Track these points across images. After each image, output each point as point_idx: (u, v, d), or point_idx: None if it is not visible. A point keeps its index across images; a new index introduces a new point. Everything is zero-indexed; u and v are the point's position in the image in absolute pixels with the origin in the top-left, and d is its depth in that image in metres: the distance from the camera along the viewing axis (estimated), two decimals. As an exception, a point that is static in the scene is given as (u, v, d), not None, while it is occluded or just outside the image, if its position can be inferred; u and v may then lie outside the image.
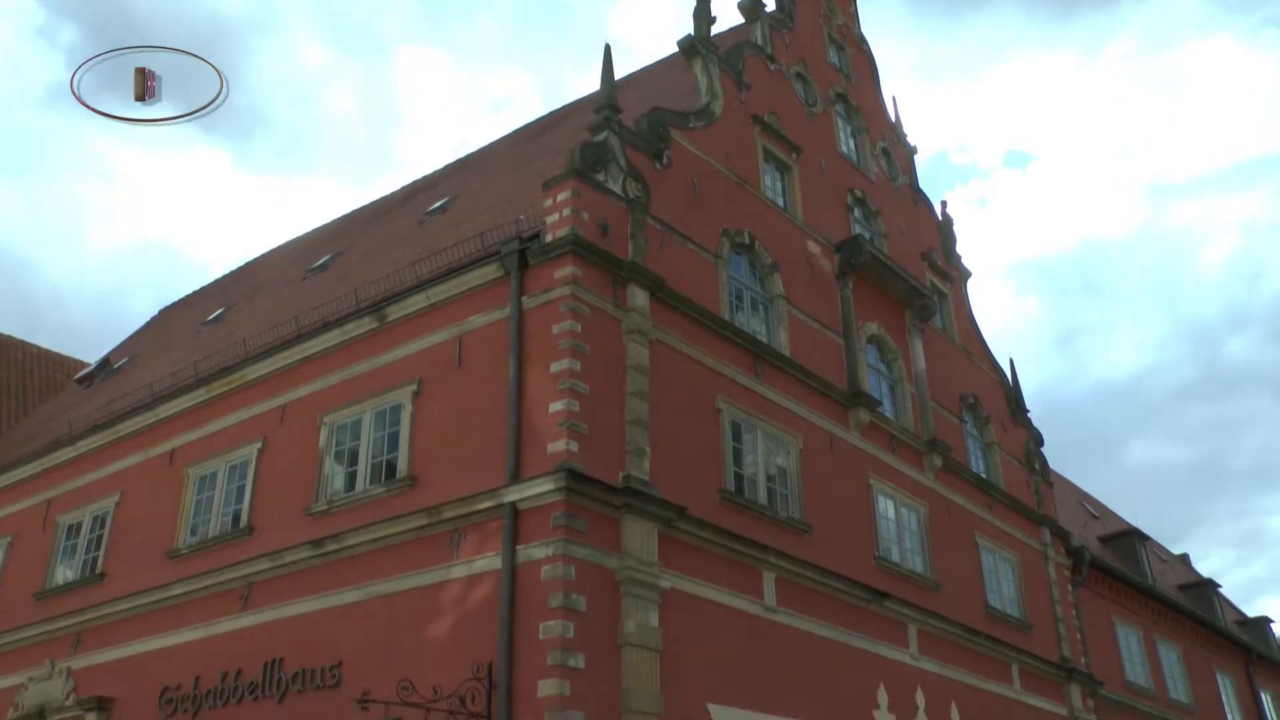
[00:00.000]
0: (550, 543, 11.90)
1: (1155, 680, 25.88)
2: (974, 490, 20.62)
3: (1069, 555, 23.31)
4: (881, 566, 16.95)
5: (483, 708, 11.56)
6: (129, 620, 16.21)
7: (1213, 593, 34.06)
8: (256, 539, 15.11)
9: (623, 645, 12.05)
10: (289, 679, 13.71)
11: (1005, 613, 20.04)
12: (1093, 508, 33.94)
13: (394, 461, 14.07)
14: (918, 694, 16.77)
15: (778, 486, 15.57)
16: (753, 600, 14.14)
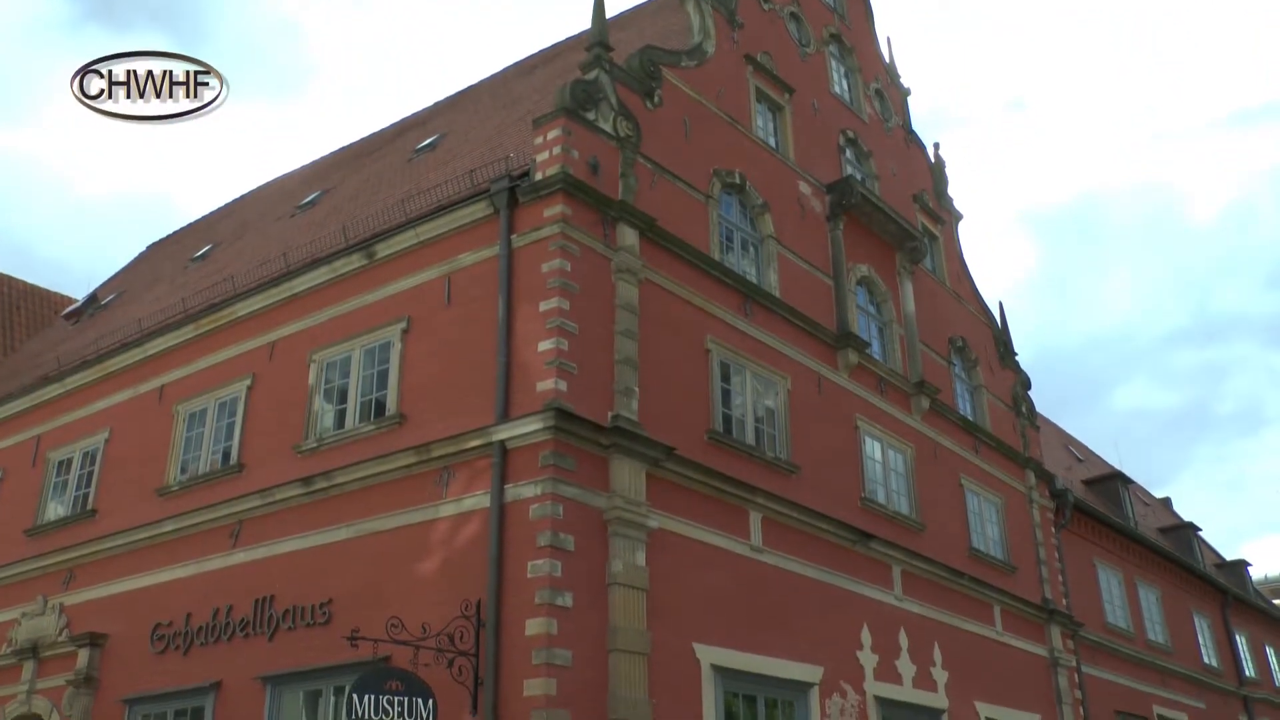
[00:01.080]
0: (538, 481, 11.96)
1: (1134, 622, 26.28)
2: (960, 433, 20.76)
3: (1053, 498, 23.55)
4: (867, 508, 17.10)
5: (471, 645, 11.69)
6: (120, 557, 16.30)
7: (1193, 536, 34.49)
8: (246, 476, 15.17)
9: (610, 584, 12.17)
10: (279, 616, 13.84)
11: (988, 554, 20.27)
12: (1078, 451, 34.23)
13: (383, 399, 14.09)
14: (901, 634, 17.01)
15: (765, 427, 15.66)
16: (739, 540, 14.28)
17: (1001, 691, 19.17)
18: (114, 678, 15.62)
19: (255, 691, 13.72)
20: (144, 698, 15.12)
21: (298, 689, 13.59)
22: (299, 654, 13.47)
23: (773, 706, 14.26)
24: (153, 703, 15.09)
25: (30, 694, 16.49)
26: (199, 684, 14.38)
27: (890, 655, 16.59)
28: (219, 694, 14.17)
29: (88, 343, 19.99)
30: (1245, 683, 31.83)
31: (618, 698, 11.74)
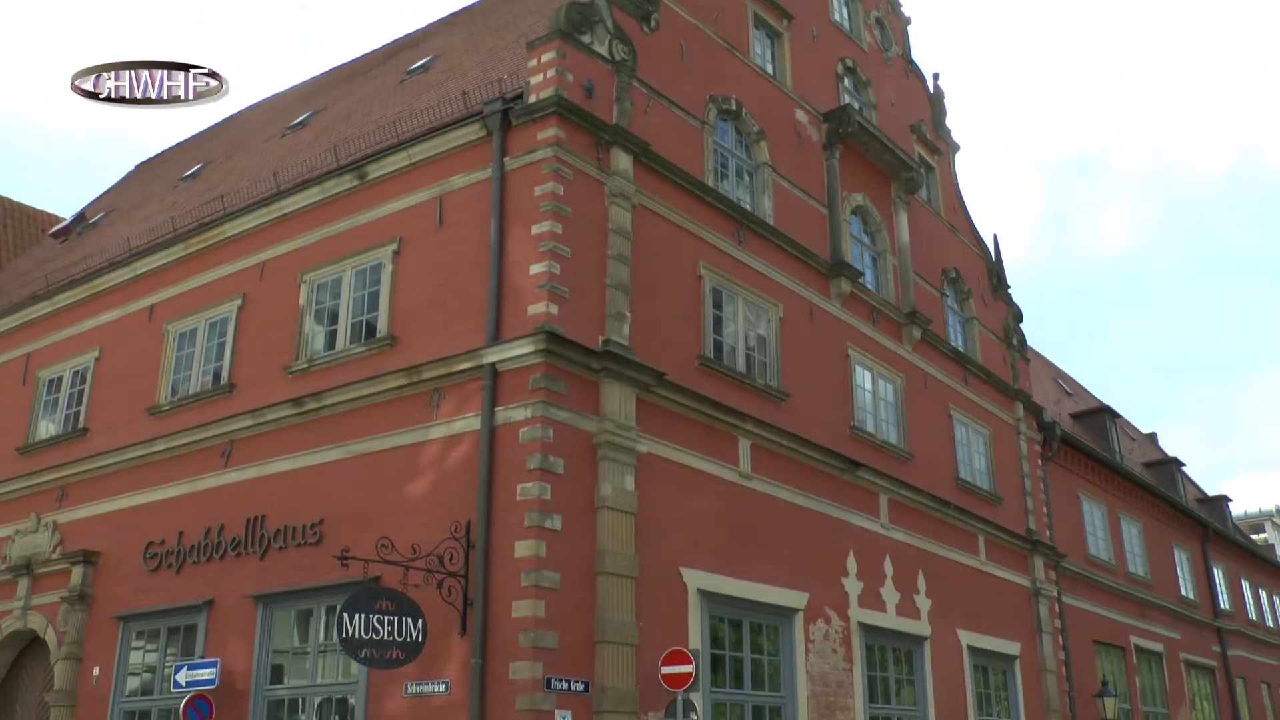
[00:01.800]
0: (529, 404, 12.01)
1: (1116, 554, 26.64)
2: (951, 363, 20.83)
3: (1040, 430, 23.72)
4: (856, 436, 17.21)
5: (460, 567, 11.82)
6: (112, 475, 16.37)
7: (1176, 471, 34.86)
8: (237, 397, 15.18)
9: (599, 508, 12.28)
10: (271, 535, 13.95)
11: (975, 485, 20.46)
12: (1067, 385, 34.40)
13: (374, 321, 14.07)
14: (886, 562, 17.23)
15: (756, 354, 15.69)
16: (728, 466, 14.38)
17: (983, 620, 19.48)
18: (108, 595, 15.77)
19: (247, 610, 13.88)
20: (138, 615, 15.29)
21: (289, 608, 13.76)
22: (290, 573, 13.61)
23: (757, 631, 14.48)
24: (146, 620, 15.27)
25: (25, 610, 16.67)
26: (192, 602, 14.54)
27: (875, 583, 16.81)
28: (211, 612, 14.33)
29: (76, 261, 19.86)
30: (1220, 615, 32.40)
31: (605, 620, 11.91)
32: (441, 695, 11.71)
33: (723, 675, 13.74)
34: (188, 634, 14.72)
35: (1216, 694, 30.80)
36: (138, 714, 15.09)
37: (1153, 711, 26.35)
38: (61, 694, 15.51)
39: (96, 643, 15.64)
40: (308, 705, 13.24)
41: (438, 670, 11.79)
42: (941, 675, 17.91)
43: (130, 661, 15.43)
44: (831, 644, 15.46)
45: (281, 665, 13.74)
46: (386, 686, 12.19)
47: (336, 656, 13.03)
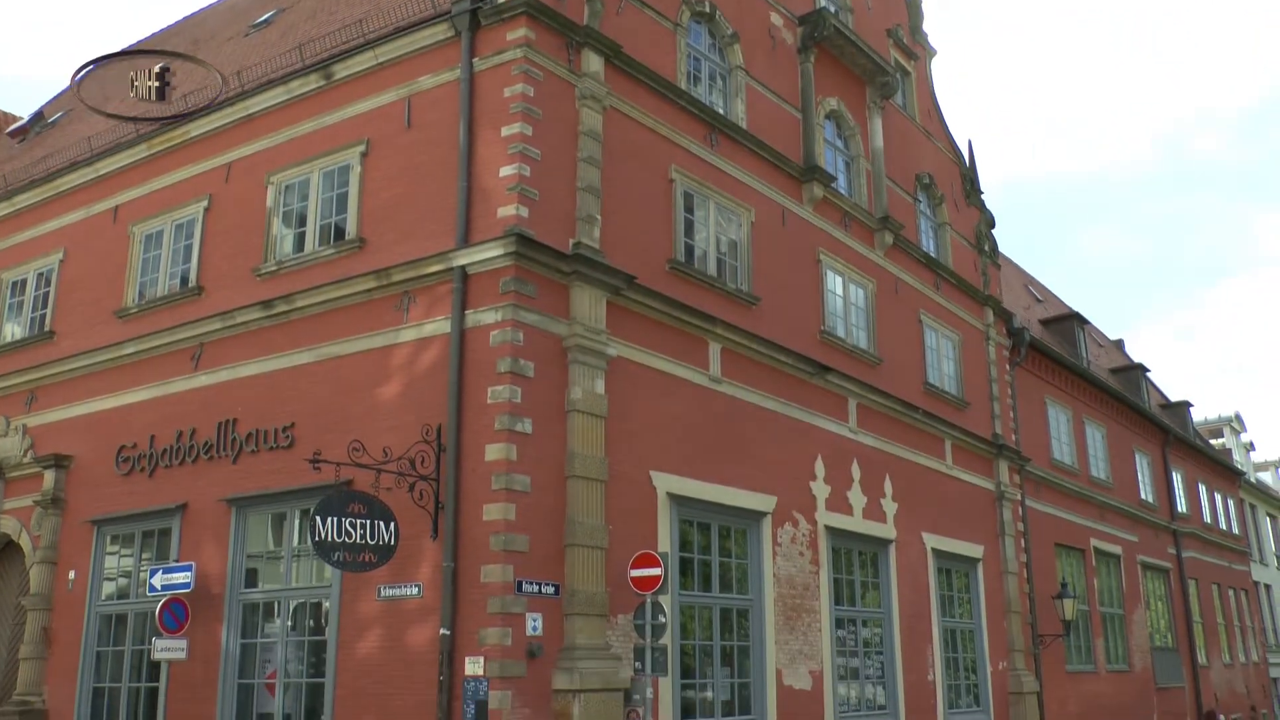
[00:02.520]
0: (499, 307, 11.99)
1: (1079, 458, 27.14)
2: (922, 269, 20.90)
3: (1010, 336, 23.94)
4: (826, 341, 17.32)
5: (432, 470, 11.90)
6: (82, 379, 16.29)
7: (1141, 377, 35.36)
8: (206, 299, 15.07)
9: (569, 411, 12.35)
10: (243, 439, 13.97)
11: (943, 390, 20.70)
12: (1037, 291, 34.63)
13: (342, 224, 13.93)
14: (853, 465, 17.48)
15: (727, 259, 15.68)
16: (698, 370, 14.47)
17: (948, 523, 19.89)
18: (81, 499, 15.82)
19: (221, 513, 13.97)
20: (111, 519, 15.37)
21: (262, 511, 13.85)
22: (262, 477, 13.67)
23: (726, 535, 14.73)
24: (120, 524, 15.35)
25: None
26: (165, 505, 14.61)
27: (842, 486, 17.08)
28: (185, 516, 14.41)
29: (36, 161, 19.45)
30: (1177, 517, 33.21)
31: (575, 523, 12.07)
32: (414, 598, 11.89)
33: (691, 578, 14.01)
34: (162, 538, 14.82)
35: (1170, 594, 31.74)
36: (114, 618, 15.26)
37: (1109, 612, 27.15)
38: (37, 598, 15.64)
39: (71, 546, 15.74)
40: (282, 609, 13.41)
41: (410, 573, 11.95)
42: (906, 577, 18.33)
43: (105, 566, 15.55)
44: (799, 547, 15.76)
45: (256, 569, 13.88)
46: (360, 590, 12.35)
47: (310, 561, 13.17)
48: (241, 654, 13.53)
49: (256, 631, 13.58)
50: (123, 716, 14.62)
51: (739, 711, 14.35)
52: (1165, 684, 29.36)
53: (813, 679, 15.48)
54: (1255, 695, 38.01)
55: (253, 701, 13.39)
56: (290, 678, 13.12)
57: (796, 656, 15.26)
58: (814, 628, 15.75)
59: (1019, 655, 21.35)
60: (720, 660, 14.26)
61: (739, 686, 14.46)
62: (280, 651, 13.24)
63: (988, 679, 20.34)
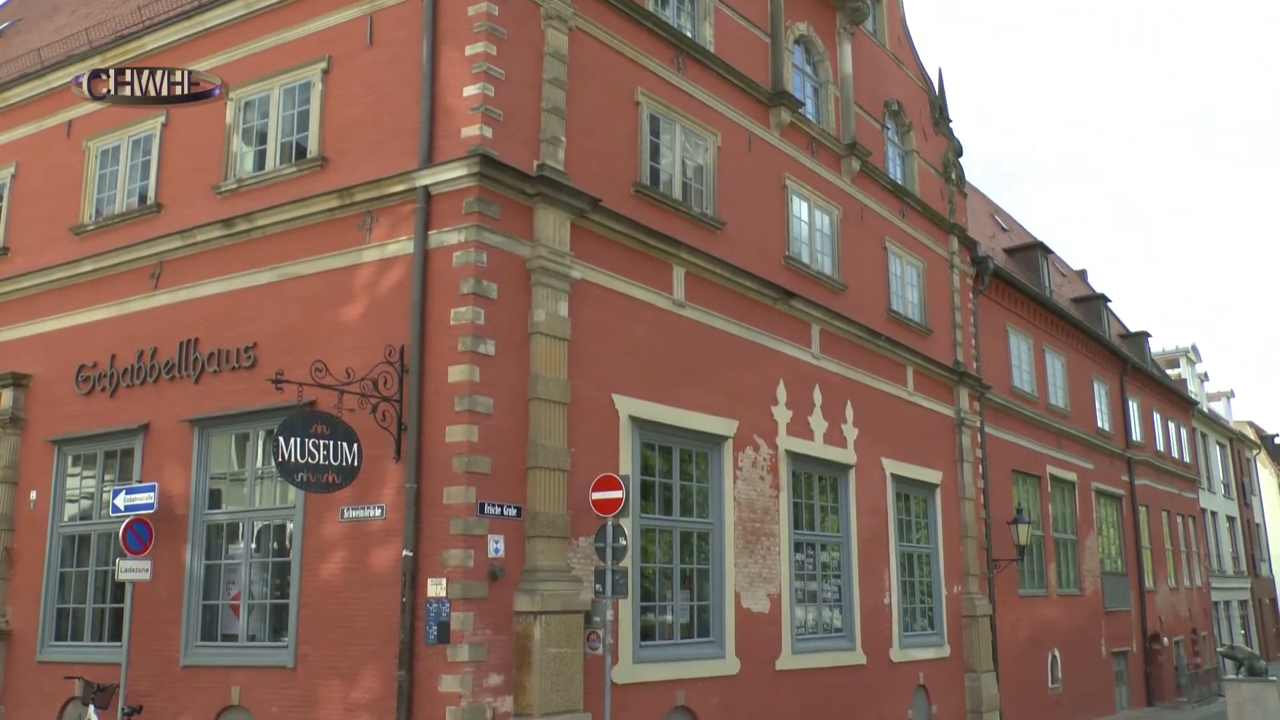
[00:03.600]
0: (462, 228, 11.91)
1: (1039, 386, 27.51)
2: (889, 196, 20.90)
3: (974, 264, 24.07)
4: (790, 266, 17.35)
5: (395, 391, 11.89)
6: (38, 296, 16.04)
7: (1103, 307, 35.77)
8: (165, 217, 14.83)
9: (532, 334, 12.35)
10: (204, 359, 13.87)
11: (906, 317, 20.84)
12: (1003, 221, 34.78)
13: (304, 142, 13.71)
14: (815, 391, 17.63)
15: (693, 183, 15.61)
16: (662, 294, 14.48)
17: (907, 449, 20.16)
18: (41, 419, 15.68)
19: (183, 434, 13.92)
20: (73, 439, 15.26)
21: (226, 432, 13.81)
22: (225, 397, 13.61)
23: (687, 458, 14.87)
24: (82, 444, 15.26)
25: (-45, 431, 16.51)
26: (127, 426, 14.52)
27: (804, 411, 17.24)
28: (147, 436, 14.34)
29: (-15, 74, 18.93)
30: (1131, 445, 33.85)
31: (537, 445, 12.13)
32: (377, 520, 11.95)
33: (652, 502, 14.16)
34: (125, 458, 14.76)
35: (1122, 520, 32.45)
36: (77, 538, 15.24)
37: (1062, 537, 27.75)
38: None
39: (32, 467, 15.64)
40: (246, 530, 13.45)
41: (373, 495, 12.00)
42: (865, 502, 18.62)
43: (67, 486, 15.48)
44: (759, 471, 15.94)
45: (220, 490, 13.87)
46: (323, 512, 12.40)
47: (274, 482, 13.19)
48: (206, 575, 13.58)
49: (221, 553, 13.62)
50: (88, 637, 14.69)
51: (698, 634, 14.62)
52: (1114, 608, 30.17)
53: (771, 602, 15.78)
54: (1197, 618, 39.16)
55: (218, 622, 13.48)
56: (255, 599, 13.21)
57: (755, 580, 15.52)
58: (773, 551, 16.00)
59: (974, 579, 21.83)
60: (680, 583, 14.48)
61: (698, 609, 14.71)
62: (244, 573, 13.31)
63: (942, 602, 20.80)
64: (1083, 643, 27.62)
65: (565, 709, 11.73)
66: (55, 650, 14.83)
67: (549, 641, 11.64)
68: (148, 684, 13.38)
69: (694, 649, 14.42)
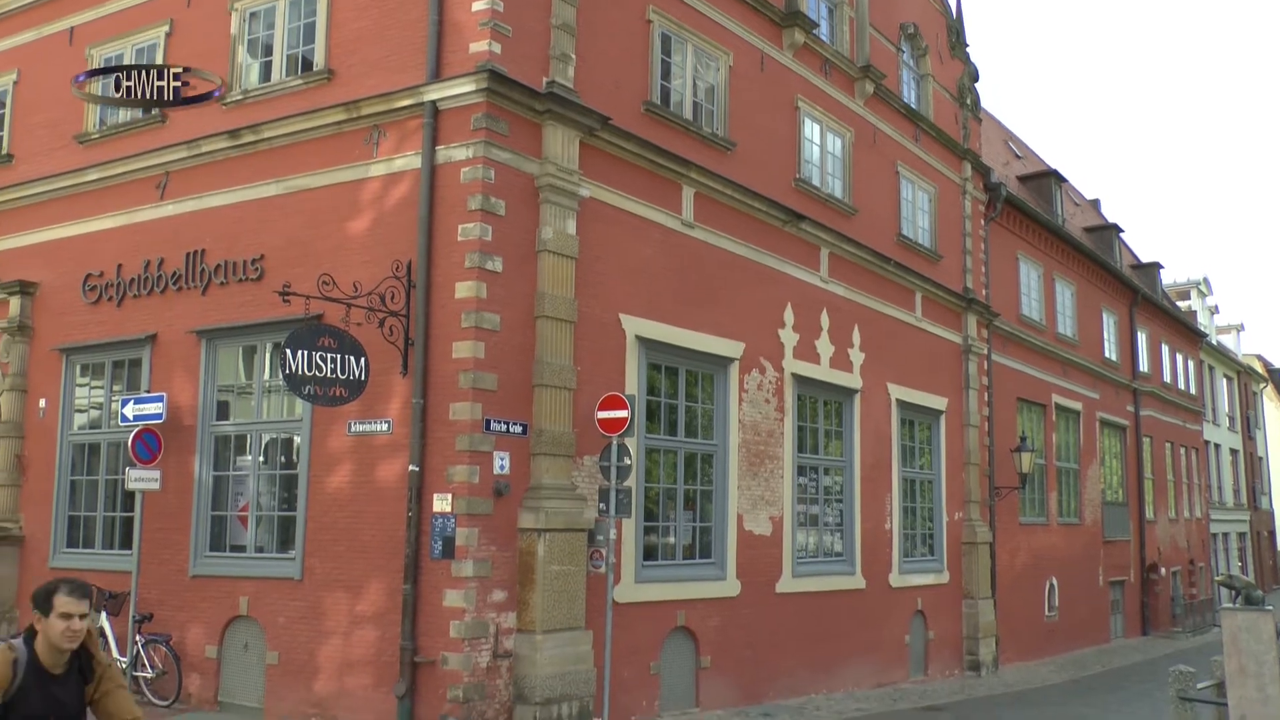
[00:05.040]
0: (470, 144, 11.79)
1: (1047, 315, 27.42)
2: (902, 120, 20.63)
3: (986, 191, 23.84)
4: (800, 189, 17.19)
5: (402, 306, 11.88)
6: (44, 204, 15.95)
7: (1115, 237, 35.48)
8: (170, 127, 14.67)
9: (540, 251, 12.30)
10: (211, 270, 13.84)
11: (916, 242, 20.70)
12: (1017, 148, 34.37)
13: (310, 54, 13.52)
14: (823, 314, 17.59)
15: (704, 103, 15.41)
16: (671, 214, 14.38)
17: (913, 375, 20.16)
18: (48, 327, 15.70)
19: (191, 344, 13.94)
20: (80, 348, 15.30)
21: (233, 344, 13.85)
22: (232, 309, 13.61)
23: (693, 380, 14.89)
24: (90, 353, 15.30)
25: (-36, 338, 16.57)
26: (134, 336, 14.54)
27: (811, 335, 17.22)
28: (155, 346, 14.37)
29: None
30: (1138, 376, 33.82)
31: (543, 363, 12.15)
32: (384, 434, 12.02)
33: (657, 422, 14.21)
34: (132, 368, 14.82)
35: (1125, 451, 32.56)
36: (86, 447, 15.37)
37: (1065, 466, 27.88)
38: (9, 425, 15.69)
39: (40, 375, 15.72)
40: (254, 442, 13.54)
41: (380, 409, 12.06)
42: (869, 427, 18.68)
43: (76, 395, 15.57)
44: (765, 394, 15.97)
45: (227, 402, 13.94)
46: (330, 425, 12.47)
47: (281, 395, 13.25)
48: (214, 486, 13.71)
49: (229, 464, 13.74)
50: (98, 544, 14.90)
51: (699, 555, 14.78)
52: (1113, 537, 30.41)
53: (773, 525, 15.91)
54: (1195, 549, 39.50)
55: (226, 533, 13.64)
56: (262, 510, 13.35)
57: (758, 502, 15.64)
58: (776, 474, 16.10)
59: (975, 506, 21.98)
60: (683, 504, 14.60)
61: (700, 530, 14.85)
62: (252, 484, 13.43)
63: (943, 529, 20.96)
64: (1080, 572, 27.93)
65: (567, 626, 11.91)
66: (67, 557, 15.03)
67: (552, 559, 11.78)
68: (158, 592, 13.60)
69: (695, 570, 14.59)
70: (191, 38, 14.73)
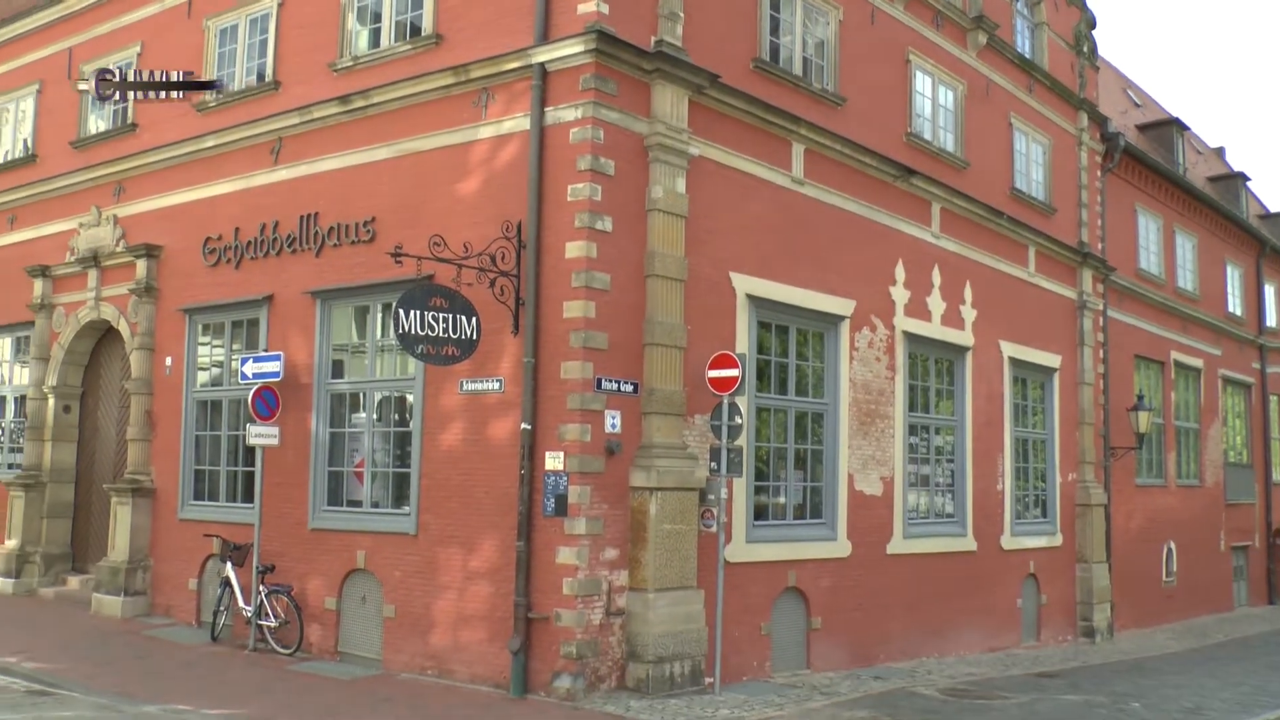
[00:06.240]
0: (579, 105, 11.77)
1: (1167, 268, 26.44)
2: (1016, 70, 19.98)
3: (1103, 141, 23.00)
4: (912, 143, 16.81)
5: (512, 266, 11.97)
6: (166, 171, 16.47)
7: (1241, 187, 33.89)
8: (283, 94, 14.98)
9: (649, 210, 12.26)
10: (324, 232, 14.13)
11: (1030, 195, 20.11)
12: (1136, 96, 33.05)
13: (418, 20, 13.62)
14: (934, 271, 17.23)
15: (813, 58, 15.12)
16: (781, 171, 14.19)
17: (1026, 332, 19.66)
18: (172, 288, 16.25)
19: (306, 305, 14.29)
20: (202, 308, 15.81)
21: (346, 304, 14.15)
22: (345, 270, 13.89)
23: (803, 338, 14.74)
24: (210, 313, 15.81)
25: (98, 301, 17.27)
26: (252, 297, 14.97)
27: (922, 292, 16.90)
28: (271, 307, 14.77)
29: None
30: (1264, 332, 32.39)
31: (654, 322, 12.14)
32: (495, 393, 12.18)
33: (768, 381, 14.12)
34: (250, 328, 15.26)
35: (1250, 410, 31.33)
36: (209, 404, 15.90)
37: (1185, 426, 26.96)
38: (139, 382, 16.33)
39: (166, 334, 16.29)
40: (368, 400, 13.85)
41: (491, 368, 12.21)
42: (981, 386, 18.30)
43: (199, 353, 16.11)
44: (875, 352, 15.75)
45: (341, 361, 14.27)
46: (442, 384, 12.67)
47: (394, 355, 13.51)
48: (330, 442, 14.07)
49: (344, 421, 14.08)
50: (223, 497, 15.44)
51: (810, 515, 14.70)
52: (1236, 500, 29.35)
53: (883, 485, 15.74)
54: (1326, 512, 37.91)
55: (342, 488, 14.01)
56: (377, 466, 13.66)
57: (868, 462, 15.47)
58: (887, 434, 15.90)
59: (1089, 467, 21.42)
60: (793, 463, 14.51)
61: (811, 490, 14.76)
62: (367, 441, 13.75)
63: (1056, 490, 20.49)
64: (1201, 536, 27.03)
65: (679, 584, 11.97)
66: (194, 509, 15.64)
67: (664, 518, 11.82)
68: (278, 544, 14.05)
69: (806, 530, 14.53)
70: (303, 6, 14.97)
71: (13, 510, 17.77)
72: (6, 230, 19.31)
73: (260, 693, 11.62)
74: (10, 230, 19.23)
